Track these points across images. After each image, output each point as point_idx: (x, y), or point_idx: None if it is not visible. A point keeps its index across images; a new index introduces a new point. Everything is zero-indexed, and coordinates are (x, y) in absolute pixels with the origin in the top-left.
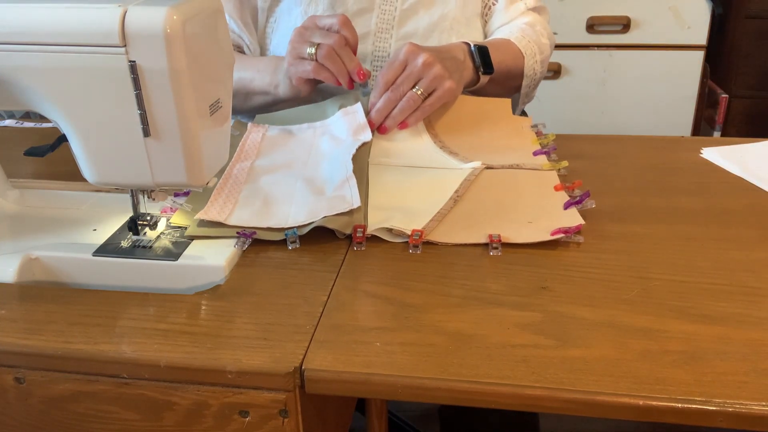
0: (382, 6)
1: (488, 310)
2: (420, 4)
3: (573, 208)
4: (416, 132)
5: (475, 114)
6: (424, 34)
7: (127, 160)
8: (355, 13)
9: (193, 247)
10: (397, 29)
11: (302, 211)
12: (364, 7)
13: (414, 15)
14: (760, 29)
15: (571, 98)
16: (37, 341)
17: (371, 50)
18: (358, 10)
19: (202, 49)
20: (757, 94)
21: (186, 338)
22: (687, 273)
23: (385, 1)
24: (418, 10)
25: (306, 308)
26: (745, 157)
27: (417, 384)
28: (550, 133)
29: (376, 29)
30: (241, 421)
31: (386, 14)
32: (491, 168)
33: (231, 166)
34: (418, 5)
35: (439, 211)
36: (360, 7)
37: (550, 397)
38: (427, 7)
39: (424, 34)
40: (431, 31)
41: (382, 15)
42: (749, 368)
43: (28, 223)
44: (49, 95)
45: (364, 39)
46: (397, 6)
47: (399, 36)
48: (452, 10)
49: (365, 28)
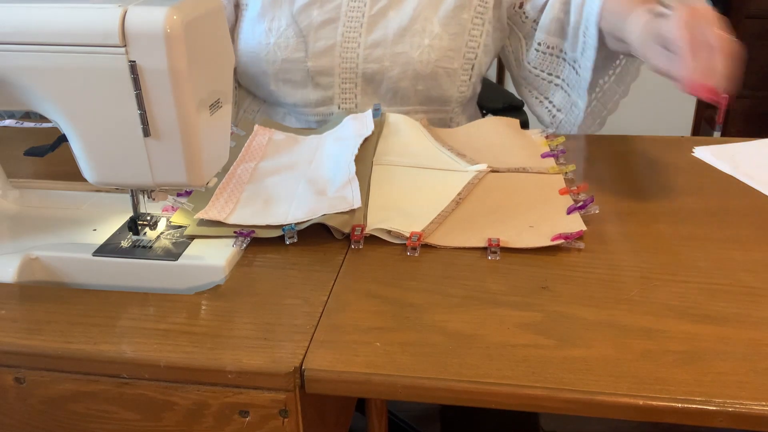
0: (349, 14)
1: (488, 310)
2: (389, 6)
3: (576, 213)
4: (422, 135)
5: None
6: (394, 39)
7: (127, 160)
8: (319, 25)
9: (193, 247)
10: (365, 37)
11: (302, 209)
12: (329, 17)
13: (383, 19)
14: (760, 29)
15: None
16: (37, 341)
17: (338, 62)
18: (323, 22)
19: (202, 49)
20: (757, 94)
21: (186, 338)
22: (687, 273)
23: (352, 9)
24: (386, 13)
25: (306, 308)
26: (736, 157)
27: (417, 384)
28: (561, 135)
29: (342, 39)
30: (241, 421)
31: (353, 21)
32: (497, 171)
33: (235, 166)
34: (387, 8)
35: (440, 213)
36: (325, 18)
37: (550, 397)
38: (396, 8)
39: (394, 40)
40: (401, 36)
41: (349, 23)
42: (749, 368)
43: (28, 223)
44: (49, 95)
45: (329, 51)
46: (364, 12)
47: (367, 44)
48: (425, 8)
49: (331, 40)
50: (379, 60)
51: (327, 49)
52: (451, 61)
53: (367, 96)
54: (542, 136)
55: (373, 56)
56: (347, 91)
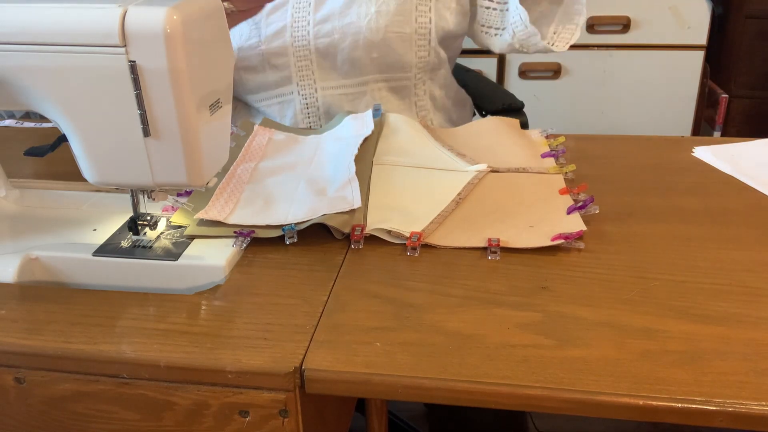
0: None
1: (488, 310)
2: None
3: (576, 213)
4: (422, 135)
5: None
6: (341, 11)
7: (127, 160)
8: (270, 10)
9: (193, 247)
10: (313, 15)
11: (302, 209)
12: (279, 2)
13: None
14: (760, 29)
15: (571, 98)
16: (37, 341)
17: (290, 41)
18: (273, 7)
19: (202, 49)
20: (757, 94)
21: (186, 338)
22: (687, 273)
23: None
24: None
25: (306, 308)
26: (736, 157)
27: (417, 384)
28: (561, 135)
29: (293, 20)
30: (241, 421)
31: (301, 3)
32: (497, 171)
33: (235, 166)
34: None
35: (440, 213)
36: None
37: (550, 397)
38: None
39: (341, 12)
40: (348, 6)
41: (297, 5)
42: (749, 368)
43: (28, 223)
44: (49, 95)
45: (281, 33)
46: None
47: (316, 21)
48: None
49: (281, 23)
50: (329, 34)
51: (278, 31)
52: (401, 25)
53: (324, 71)
54: (542, 136)
55: (323, 31)
56: (303, 68)
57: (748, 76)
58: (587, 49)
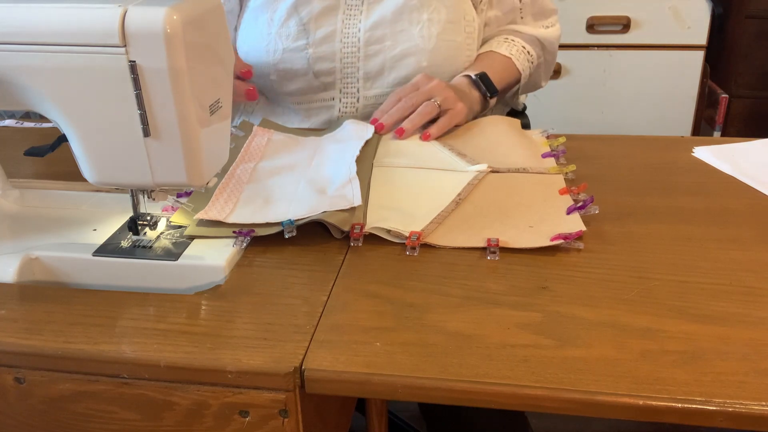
0: (348, 2)
1: (488, 310)
2: None
3: (576, 213)
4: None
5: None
6: (392, 18)
7: (127, 160)
8: (319, 13)
9: (193, 247)
10: (364, 21)
11: (302, 207)
12: (329, 5)
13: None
14: (760, 29)
15: (571, 98)
16: (37, 341)
17: (339, 47)
18: (323, 9)
19: (202, 49)
20: (757, 94)
21: (186, 338)
22: (687, 273)
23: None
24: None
25: (306, 308)
26: (736, 157)
27: (417, 384)
28: (562, 135)
29: (343, 26)
30: (241, 421)
31: (352, 9)
32: (497, 171)
33: (234, 167)
34: None
35: (440, 213)
36: (325, 5)
37: (550, 397)
38: None
39: (392, 19)
40: (400, 14)
41: (348, 11)
42: (749, 368)
43: (28, 223)
44: (49, 95)
45: (330, 38)
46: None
47: (366, 27)
48: None
49: (331, 27)
50: (380, 40)
51: (327, 35)
52: (453, 33)
53: (370, 79)
54: (543, 136)
55: (374, 37)
56: (349, 75)
57: (748, 76)
58: (587, 49)
